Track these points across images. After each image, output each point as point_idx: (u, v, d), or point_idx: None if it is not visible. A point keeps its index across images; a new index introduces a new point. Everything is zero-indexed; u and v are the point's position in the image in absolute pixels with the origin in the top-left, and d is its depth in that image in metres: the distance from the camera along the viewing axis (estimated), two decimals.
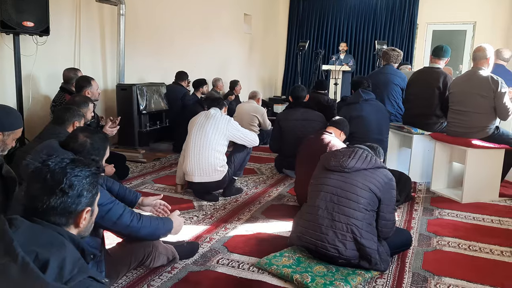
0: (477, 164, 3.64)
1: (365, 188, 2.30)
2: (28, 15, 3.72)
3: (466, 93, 3.70)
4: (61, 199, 1.18)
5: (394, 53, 4.90)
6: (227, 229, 2.93)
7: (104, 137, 2.06)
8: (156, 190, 3.80)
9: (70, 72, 4.06)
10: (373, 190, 2.30)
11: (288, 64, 10.45)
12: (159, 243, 2.21)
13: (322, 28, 9.99)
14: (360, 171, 2.35)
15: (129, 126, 4.98)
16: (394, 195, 2.41)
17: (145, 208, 2.49)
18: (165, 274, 2.27)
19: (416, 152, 4.23)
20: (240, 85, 7.30)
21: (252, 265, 2.40)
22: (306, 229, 2.38)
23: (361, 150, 2.43)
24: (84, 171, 1.24)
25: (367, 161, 2.36)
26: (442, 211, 3.46)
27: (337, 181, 2.36)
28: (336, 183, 2.36)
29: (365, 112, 4.01)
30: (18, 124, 2.24)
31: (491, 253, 2.69)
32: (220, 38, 7.83)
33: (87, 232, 1.32)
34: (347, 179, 2.34)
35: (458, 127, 3.77)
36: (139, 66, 5.85)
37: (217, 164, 3.42)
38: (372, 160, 2.38)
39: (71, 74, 4.03)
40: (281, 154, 4.52)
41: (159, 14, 6.17)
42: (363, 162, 2.36)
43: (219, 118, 3.51)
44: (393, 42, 9.28)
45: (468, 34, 9.02)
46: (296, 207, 3.41)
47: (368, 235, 2.26)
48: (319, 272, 2.26)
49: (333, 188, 2.36)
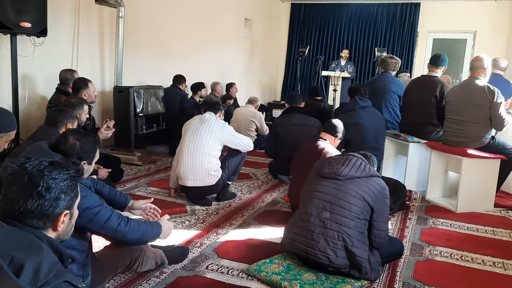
0: (473, 174, 3.63)
1: (358, 197, 2.28)
2: (26, 16, 3.72)
3: (463, 102, 3.69)
4: (37, 202, 1.17)
5: (392, 61, 4.90)
6: (218, 234, 2.91)
7: (94, 140, 2.04)
8: (150, 193, 3.78)
9: (67, 73, 4.06)
10: (366, 199, 2.28)
11: (288, 69, 10.47)
12: (147, 247, 2.19)
13: (323, 34, 10.02)
14: (353, 179, 2.33)
15: (126, 129, 4.97)
16: (388, 204, 2.40)
17: (135, 212, 2.47)
18: (153, 278, 2.25)
19: (412, 160, 4.22)
20: (236, 87, 7.31)
21: (242, 271, 2.38)
22: (297, 235, 2.37)
23: (355, 158, 2.41)
24: (62, 173, 1.22)
25: (361, 169, 2.35)
26: (436, 220, 3.44)
27: (330, 189, 2.35)
28: (329, 190, 2.35)
29: (362, 119, 3.99)
30: (12, 126, 2.23)
31: (483, 264, 2.67)
32: (220, 42, 7.84)
33: (66, 236, 1.31)
34: (341, 187, 2.32)
35: (454, 136, 3.76)
36: (137, 69, 5.85)
37: (210, 169, 3.40)
38: (366, 168, 2.37)
39: (67, 75, 4.03)
40: (276, 159, 4.51)
41: (159, 16, 6.18)
42: (357, 170, 2.34)
43: (214, 122, 3.50)
44: (393, 50, 9.31)
45: (468, 43, 9.04)
46: (289, 213, 3.39)
47: (359, 243, 2.24)
48: (308, 280, 2.24)
49: (326, 196, 2.34)
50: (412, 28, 9.29)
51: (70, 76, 4.01)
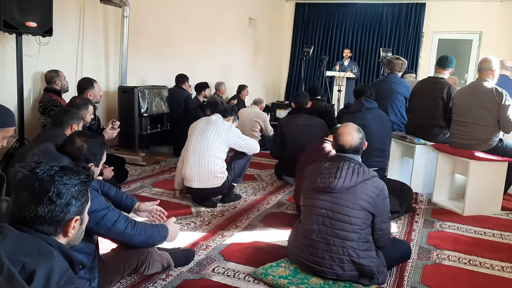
0: (480, 177, 3.60)
1: (357, 208, 2.19)
2: (31, 16, 3.72)
3: (470, 104, 3.66)
4: (48, 208, 1.16)
5: (398, 62, 4.87)
6: (224, 237, 2.90)
7: (101, 142, 2.03)
8: (155, 194, 3.77)
9: (52, 73, 4.11)
10: (366, 207, 2.20)
11: (292, 69, 10.44)
12: (154, 250, 2.18)
13: (327, 34, 9.98)
14: (349, 189, 2.22)
15: (130, 129, 4.96)
16: (388, 204, 2.31)
17: (141, 214, 2.46)
18: (159, 281, 2.24)
19: (418, 162, 4.18)
20: (247, 90, 7.29)
21: (248, 275, 2.36)
22: (303, 252, 2.31)
23: (347, 164, 2.26)
24: (73, 179, 1.21)
25: (355, 177, 2.22)
26: (443, 223, 3.41)
27: (326, 203, 2.25)
28: (325, 204, 2.25)
29: (368, 121, 3.96)
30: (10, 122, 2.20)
31: (491, 268, 2.64)
32: (224, 42, 7.82)
33: (77, 241, 1.29)
34: (337, 199, 2.23)
35: (461, 138, 3.73)
36: (142, 69, 5.84)
37: (216, 171, 3.39)
38: (360, 173, 2.23)
39: (52, 74, 4.09)
40: (282, 160, 4.49)
41: (164, 16, 6.17)
42: (351, 179, 2.21)
43: (221, 124, 3.47)
44: (398, 50, 9.26)
45: (474, 44, 8.99)
46: (295, 215, 3.37)
47: (366, 253, 2.20)
48: (316, 284, 2.22)
49: (324, 211, 2.25)
50: (417, 28, 9.25)
51: (55, 74, 4.09)
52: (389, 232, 2.37)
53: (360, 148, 2.36)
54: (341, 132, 2.37)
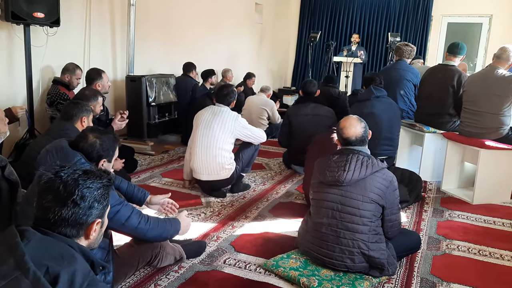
0: (490, 165, 3.58)
1: (366, 200, 2.20)
2: (38, 6, 3.71)
3: (482, 92, 3.62)
4: (72, 210, 1.19)
5: (407, 48, 4.80)
6: (234, 228, 2.93)
7: (113, 138, 2.05)
8: (164, 184, 3.80)
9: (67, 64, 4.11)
10: (376, 200, 2.21)
11: (299, 55, 10.33)
12: (167, 243, 2.20)
13: (334, 19, 9.83)
14: (358, 182, 2.22)
15: (138, 118, 4.96)
16: (398, 195, 2.32)
17: (153, 207, 2.49)
18: (172, 273, 2.28)
19: (427, 150, 4.17)
20: (254, 80, 7.25)
21: (259, 266, 2.39)
22: (312, 245, 2.33)
23: (355, 157, 2.25)
24: (96, 183, 1.24)
25: (364, 169, 2.21)
26: (452, 212, 3.42)
27: (336, 196, 2.26)
28: (335, 198, 2.26)
29: (377, 109, 3.94)
30: None
31: (501, 258, 2.65)
32: (230, 28, 7.75)
33: (96, 244, 1.33)
34: (346, 193, 2.23)
35: (471, 127, 3.70)
36: (149, 57, 5.82)
37: (224, 163, 3.39)
38: (369, 165, 2.22)
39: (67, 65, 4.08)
40: (290, 149, 4.49)
41: (169, 4, 6.11)
42: (360, 171, 2.21)
43: (226, 115, 3.44)
44: (407, 35, 9.12)
45: (484, 27, 8.82)
46: (304, 205, 3.40)
47: (376, 245, 2.22)
48: (326, 276, 2.25)
49: (333, 204, 2.26)
50: (426, 12, 9.08)
51: (69, 65, 4.08)
52: (399, 223, 2.38)
53: (365, 137, 2.35)
54: (343, 126, 2.36)
